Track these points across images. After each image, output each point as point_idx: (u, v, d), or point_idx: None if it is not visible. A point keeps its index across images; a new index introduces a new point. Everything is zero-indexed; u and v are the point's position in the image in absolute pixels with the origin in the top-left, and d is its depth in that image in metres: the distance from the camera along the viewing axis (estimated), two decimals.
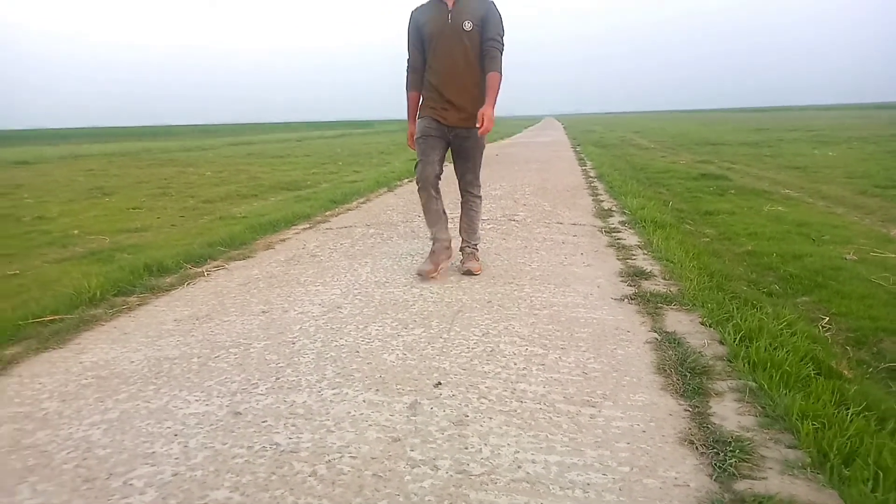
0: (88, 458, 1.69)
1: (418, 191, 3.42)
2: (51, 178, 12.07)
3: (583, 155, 13.60)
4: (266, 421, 1.85)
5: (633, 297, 3.02)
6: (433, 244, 3.50)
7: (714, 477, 1.54)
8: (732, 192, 7.38)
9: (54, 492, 1.54)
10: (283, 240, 4.92)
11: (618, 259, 3.82)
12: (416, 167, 3.38)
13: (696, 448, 1.67)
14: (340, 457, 1.65)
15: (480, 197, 3.60)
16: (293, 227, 5.50)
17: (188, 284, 3.62)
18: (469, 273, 3.45)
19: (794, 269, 3.83)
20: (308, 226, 5.55)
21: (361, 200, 7.16)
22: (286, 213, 6.00)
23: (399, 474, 1.56)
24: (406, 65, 3.39)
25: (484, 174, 3.67)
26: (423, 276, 3.39)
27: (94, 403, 2.04)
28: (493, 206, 5.98)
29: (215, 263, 4.16)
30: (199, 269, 3.97)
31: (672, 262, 3.64)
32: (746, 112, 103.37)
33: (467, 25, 3.14)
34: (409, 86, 3.40)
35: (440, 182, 3.42)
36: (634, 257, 3.88)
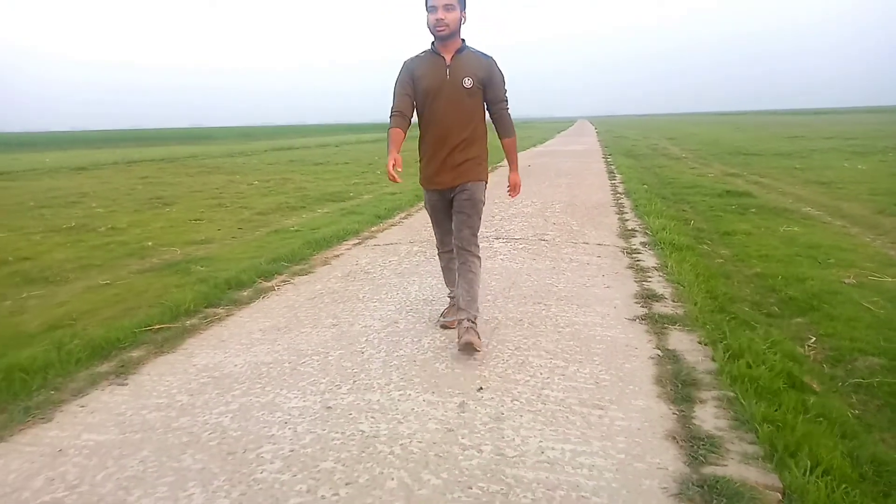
0: (226, 438, 2.31)
1: (439, 255, 3.53)
2: (112, 186, 12.99)
3: (613, 167, 14.02)
4: (351, 414, 2.46)
5: (643, 317, 3.56)
6: (451, 300, 3.56)
7: (687, 463, 2.09)
8: (753, 210, 7.79)
9: (208, 460, 2.16)
10: (337, 255, 5.55)
11: (635, 281, 4.35)
12: (435, 235, 3.48)
13: (678, 442, 2.22)
14: (410, 441, 2.24)
15: (479, 257, 3.26)
16: (344, 243, 6.14)
17: (263, 298, 4.26)
18: (469, 347, 2.98)
19: (794, 292, 4.30)
20: (357, 241, 6.19)
21: (403, 215, 7.78)
22: (336, 229, 6.66)
23: (454, 455, 2.15)
24: (390, 112, 3.12)
25: None
26: (448, 326, 3.43)
27: (217, 398, 2.67)
28: (525, 225, 6.55)
29: (282, 278, 4.81)
30: (270, 284, 4.62)
31: (682, 285, 4.15)
32: (786, 115, 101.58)
33: (467, 82, 3.03)
34: (393, 124, 3.08)
35: None
36: (650, 279, 4.40)
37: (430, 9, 2.96)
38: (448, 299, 3.66)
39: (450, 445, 2.21)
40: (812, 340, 3.48)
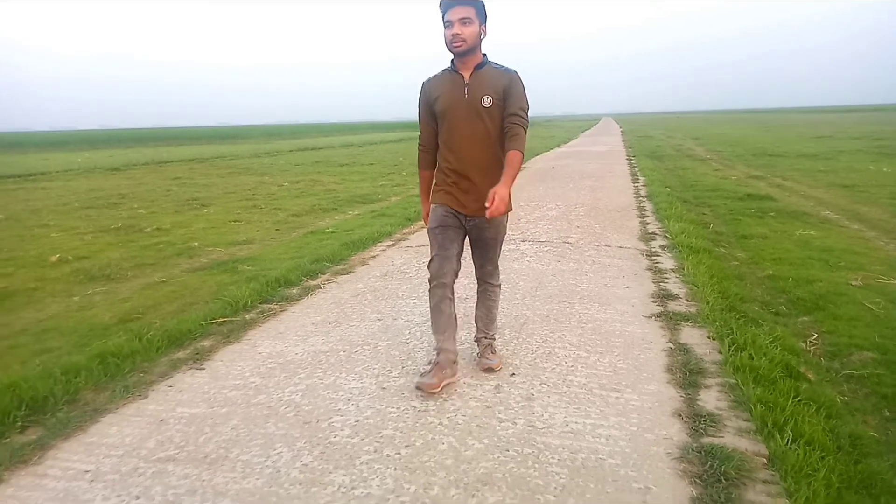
0: (300, 411, 2.79)
1: (430, 289, 3.01)
2: (148, 188, 13.65)
3: (636, 168, 14.37)
4: (403, 393, 2.93)
5: (659, 315, 3.98)
6: (437, 355, 3.00)
7: (689, 435, 2.51)
8: (772, 214, 8.12)
9: (288, 427, 2.64)
10: (374, 256, 6.04)
11: (652, 282, 4.76)
12: (430, 262, 3.02)
13: (682, 419, 2.65)
14: (455, 415, 2.70)
15: (499, 285, 3.29)
16: (378, 244, 6.62)
17: (311, 295, 4.75)
18: (489, 370, 3.15)
19: (802, 293, 4.67)
20: (391, 243, 6.67)
21: None
22: (370, 231, 7.15)
23: (493, 426, 2.60)
24: (418, 144, 3.14)
25: (540, 192, 4.61)
26: (424, 390, 2.88)
27: (286, 380, 3.16)
28: (549, 228, 6.98)
29: (325, 277, 5.30)
30: (316, 283, 5.12)
31: (696, 286, 4.56)
32: (817, 112, 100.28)
33: (486, 101, 2.85)
34: (421, 165, 3.14)
35: (456, 280, 3.06)
36: (667, 280, 4.81)
37: (447, 24, 2.80)
38: (434, 351, 3.08)
39: (488, 418, 2.67)
40: (814, 337, 3.87)
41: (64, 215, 9.97)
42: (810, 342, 3.80)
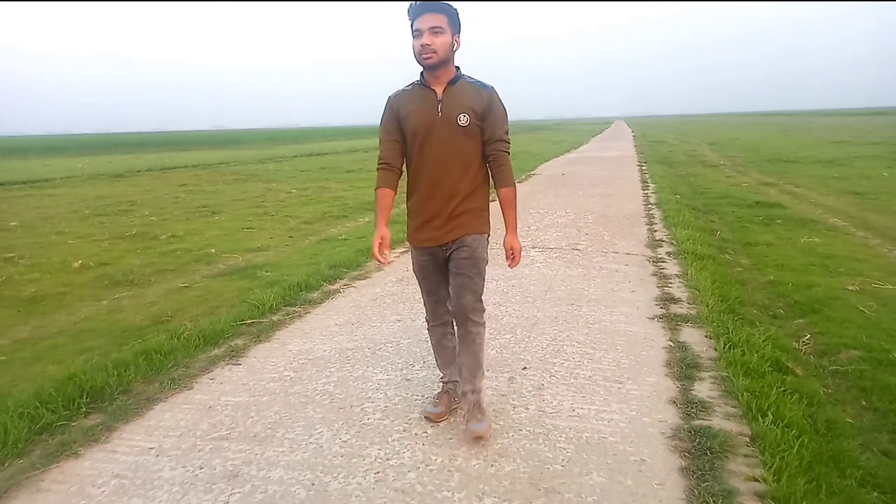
0: (334, 398, 3.25)
1: (430, 329, 3.13)
2: (156, 195, 14.18)
3: (647, 175, 14.82)
4: (426, 384, 3.38)
5: (661, 316, 4.42)
6: (444, 384, 3.12)
7: (682, 418, 2.95)
8: (779, 221, 8.55)
9: (325, 412, 3.10)
10: (389, 262, 6.48)
11: (657, 287, 5.20)
12: (424, 304, 3.13)
13: (677, 405, 3.09)
14: None
15: (483, 323, 2.94)
16: (392, 251, 7.07)
17: (331, 299, 5.22)
18: (479, 439, 2.79)
19: (800, 298, 5.10)
20: (404, 250, 7.13)
21: None
22: None
23: (507, 410, 3.06)
24: (378, 161, 2.87)
25: (550, 199, 5.03)
26: (432, 419, 2.99)
27: (317, 373, 3.61)
28: (559, 235, 7.44)
29: (343, 282, 5.77)
30: (335, 287, 5.59)
31: (698, 290, 4.99)
32: (840, 115, 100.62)
33: (463, 120, 2.68)
34: (381, 182, 2.86)
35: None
36: (671, 285, 5.25)
37: (415, 33, 2.64)
38: (440, 384, 3.19)
39: (503, 404, 3.12)
40: (807, 337, 4.30)
41: (77, 222, 10.48)
42: (803, 342, 4.23)
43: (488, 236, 2.93)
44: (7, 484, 2.60)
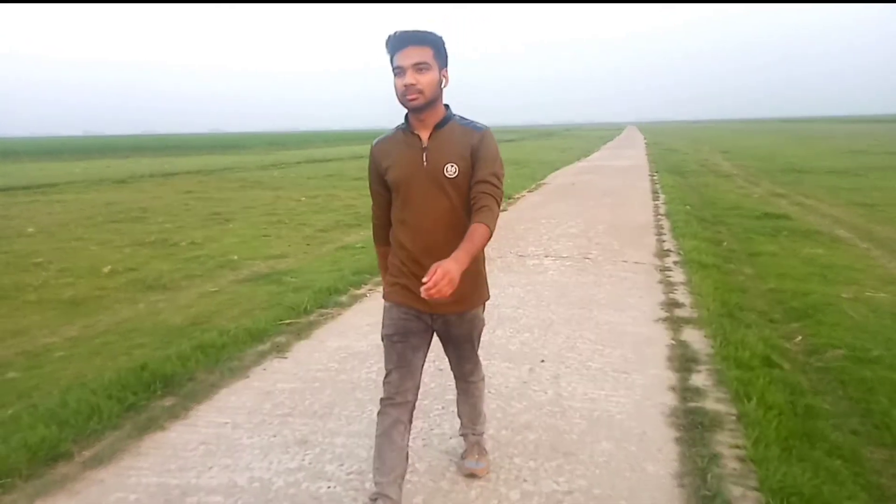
0: (378, 385, 3.90)
1: (381, 409, 2.55)
2: (165, 202, 14.91)
3: (658, 185, 15.53)
4: None
5: (665, 319, 5.11)
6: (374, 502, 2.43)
7: (679, 401, 3.64)
8: (785, 233, 9.24)
9: (372, 395, 3.78)
10: None
11: (663, 293, 5.89)
12: (387, 376, 2.60)
13: (675, 391, 3.77)
14: (500, 387, 3.84)
15: (482, 379, 3.02)
16: None
17: (360, 302, 5.91)
18: (472, 476, 2.92)
19: (797, 304, 5.78)
20: None
21: None
22: None
23: (528, 394, 3.74)
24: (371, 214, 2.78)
25: (561, 209, 5.70)
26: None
27: (359, 366, 4.30)
28: (571, 245, 8.14)
29: (367, 287, 6.46)
30: (361, 292, 6.28)
31: (701, 296, 5.68)
32: (864, 122, 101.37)
33: (451, 171, 2.41)
34: (377, 240, 2.80)
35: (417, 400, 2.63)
36: (676, 291, 5.94)
37: (396, 71, 2.33)
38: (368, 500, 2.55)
39: (525, 389, 3.81)
40: (798, 339, 4.98)
41: (92, 229, 11.19)
42: (794, 342, 4.91)
43: (485, 301, 2.74)
44: (112, 449, 3.28)
